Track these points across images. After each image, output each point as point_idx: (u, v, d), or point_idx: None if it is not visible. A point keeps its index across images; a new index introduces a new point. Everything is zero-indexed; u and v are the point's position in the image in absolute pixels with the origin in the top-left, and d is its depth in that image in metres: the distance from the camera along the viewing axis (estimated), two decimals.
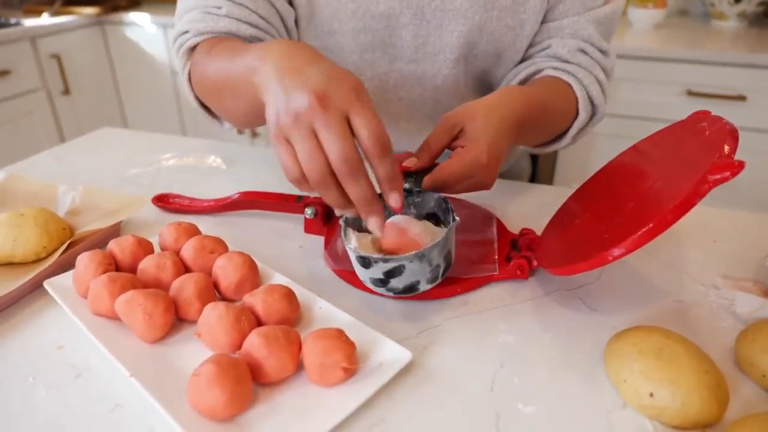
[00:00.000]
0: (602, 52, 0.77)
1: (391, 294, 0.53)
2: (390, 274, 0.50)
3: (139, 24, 2.39)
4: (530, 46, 0.79)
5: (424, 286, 0.52)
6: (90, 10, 2.41)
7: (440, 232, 0.56)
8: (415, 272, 0.50)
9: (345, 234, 0.54)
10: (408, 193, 0.57)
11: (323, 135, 0.42)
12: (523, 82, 0.78)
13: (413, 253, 0.48)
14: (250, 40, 0.68)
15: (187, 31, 0.69)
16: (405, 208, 0.56)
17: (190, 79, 0.71)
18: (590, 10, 0.75)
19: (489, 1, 0.72)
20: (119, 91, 2.63)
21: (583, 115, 0.75)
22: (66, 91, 2.33)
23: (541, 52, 0.78)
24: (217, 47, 0.63)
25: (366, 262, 0.51)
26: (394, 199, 0.47)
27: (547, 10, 0.76)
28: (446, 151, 0.59)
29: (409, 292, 0.52)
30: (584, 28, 0.75)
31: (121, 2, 2.54)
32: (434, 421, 0.44)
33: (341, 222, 0.55)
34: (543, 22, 0.77)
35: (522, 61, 0.81)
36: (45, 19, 2.29)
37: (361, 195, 0.45)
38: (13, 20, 2.20)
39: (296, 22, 0.77)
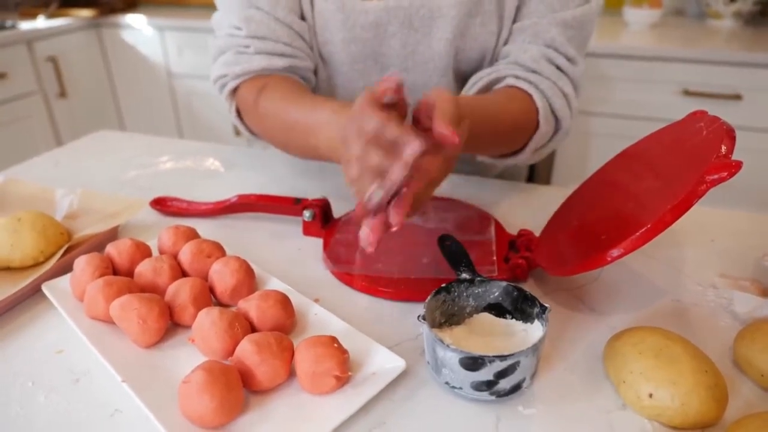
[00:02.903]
0: (569, 59, 0.72)
1: (492, 398, 0.45)
2: (502, 374, 0.44)
3: (136, 26, 2.38)
4: None
5: (527, 384, 0.46)
6: (86, 13, 2.40)
7: (507, 323, 0.51)
8: (525, 369, 0.44)
9: (435, 336, 0.45)
10: (469, 283, 0.52)
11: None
12: (483, 90, 0.74)
13: (530, 347, 0.43)
14: (283, 71, 0.75)
15: (225, 75, 0.76)
16: (464, 301, 0.52)
17: (239, 114, 0.79)
18: (557, 12, 0.71)
19: (473, 8, 0.72)
20: (116, 94, 2.62)
21: (544, 128, 0.70)
22: (62, 94, 2.32)
23: (503, 60, 0.75)
24: (265, 98, 0.71)
25: (476, 364, 0.43)
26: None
27: (516, 9, 0.73)
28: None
29: (512, 392, 0.45)
30: (546, 30, 0.71)
31: (117, 4, 2.53)
32: (435, 423, 0.44)
33: (421, 320, 0.47)
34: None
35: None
36: (41, 22, 2.28)
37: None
38: (8, 23, 2.19)
39: None
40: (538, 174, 1.13)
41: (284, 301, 0.52)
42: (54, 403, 0.46)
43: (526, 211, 0.76)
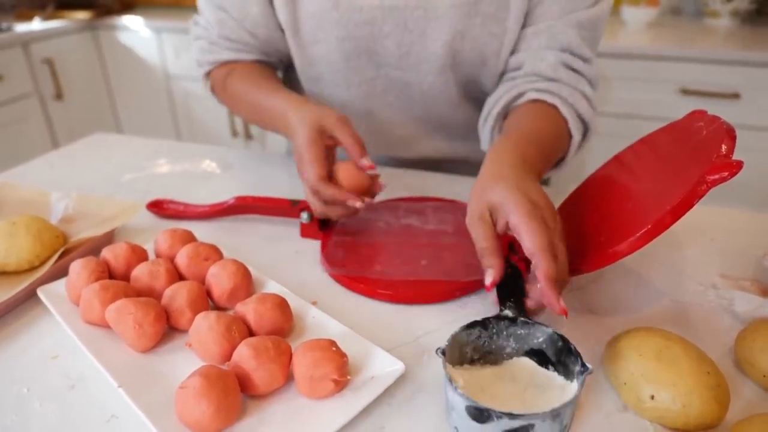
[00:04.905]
0: (585, 60, 0.73)
1: None
2: None
3: (133, 28, 2.38)
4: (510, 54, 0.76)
5: None
6: (82, 15, 2.40)
7: (547, 375, 0.46)
8: None
9: (447, 372, 0.42)
10: (510, 322, 0.47)
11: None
12: (505, 109, 0.74)
13: (548, 410, 0.39)
14: (252, 61, 0.83)
15: (199, 59, 0.86)
16: (504, 340, 0.48)
17: (213, 89, 0.88)
18: (571, 13, 0.71)
19: (472, 9, 0.71)
20: (113, 96, 2.62)
21: (576, 137, 0.71)
22: (59, 96, 2.31)
23: (518, 71, 0.74)
24: (231, 81, 0.81)
25: (483, 416, 0.39)
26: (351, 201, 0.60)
27: (527, 12, 0.72)
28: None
29: None
30: (563, 32, 0.71)
31: (113, 6, 2.53)
32: (434, 426, 0.44)
33: (439, 354, 0.43)
34: (521, 27, 0.73)
35: (502, 74, 0.78)
36: (37, 24, 2.27)
37: (321, 211, 0.64)
38: (4, 25, 2.18)
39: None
40: None
41: (282, 305, 0.52)
42: (49, 410, 0.46)
43: None
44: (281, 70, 0.93)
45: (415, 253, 0.64)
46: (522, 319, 0.48)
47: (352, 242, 0.66)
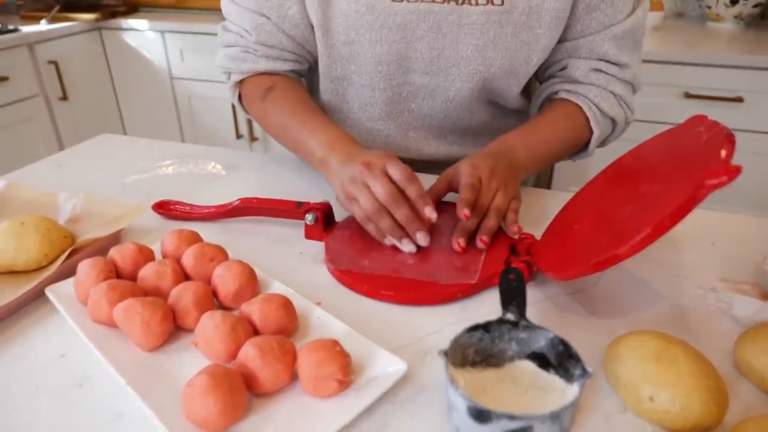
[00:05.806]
0: (620, 65, 0.79)
1: None
2: None
3: (138, 29, 2.39)
4: (549, 65, 0.82)
5: None
6: (88, 16, 2.41)
7: (548, 378, 0.46)
8: None
9: (449, 373, 0.43)
10: (512, 326, 0.48)
11: (371, 184, 0.62)
12: (542, 104, 0.86)
13: (548, 413, 0.40)
14: (287, 72, 0.85)
15: (231, 67, 0.84)
16: (506, 343, 0.48)
17: (240, 99, 0.88)
18: (608, 28, 0.76)
19: (504, 17, 0.72)
20: (117, 97, 2.63)
21: (598, 131, 0.79)
22: (64, 98, 2.33)
23: (559, 72, 0.82)
24: (271, 101, 0.82)
25: (483, 416, 0.40)
26: (428, 211, 0.61)
27: (566, 28, 0.76)
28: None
29: None
30: (599, 46, 0.77)
31: (119, 8, 2.54)
32: (436, 425, 0.45)
33: (442, 355, 0.44)
34: (561, 41, 0.78)
35: (543, 80, 0.86)
36: (43, 26, 2.28)
37: (404, 216, 0.62)
38: (10, 26, 2.19)
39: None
40: (539, 178, 1.13)
41: (287, 305, 0.52)
42: (57, 407, 0.46)
43: (527, 214, 0.76)
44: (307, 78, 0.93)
45: (404, 253, 0.64)
46: (524, 323, 0.48)
47: (352, 238, 0.67)
